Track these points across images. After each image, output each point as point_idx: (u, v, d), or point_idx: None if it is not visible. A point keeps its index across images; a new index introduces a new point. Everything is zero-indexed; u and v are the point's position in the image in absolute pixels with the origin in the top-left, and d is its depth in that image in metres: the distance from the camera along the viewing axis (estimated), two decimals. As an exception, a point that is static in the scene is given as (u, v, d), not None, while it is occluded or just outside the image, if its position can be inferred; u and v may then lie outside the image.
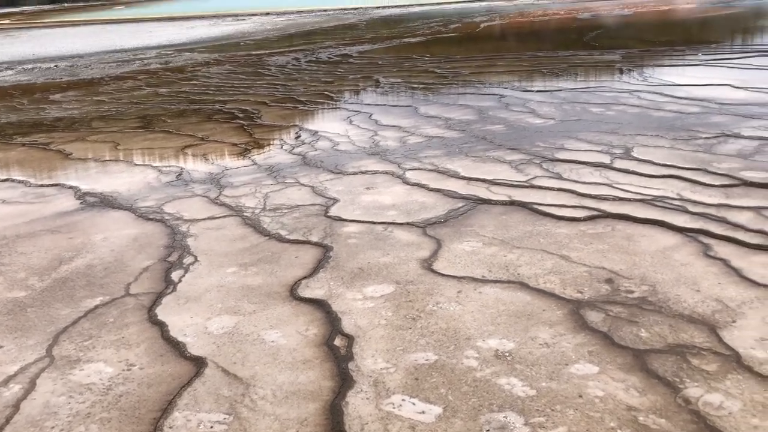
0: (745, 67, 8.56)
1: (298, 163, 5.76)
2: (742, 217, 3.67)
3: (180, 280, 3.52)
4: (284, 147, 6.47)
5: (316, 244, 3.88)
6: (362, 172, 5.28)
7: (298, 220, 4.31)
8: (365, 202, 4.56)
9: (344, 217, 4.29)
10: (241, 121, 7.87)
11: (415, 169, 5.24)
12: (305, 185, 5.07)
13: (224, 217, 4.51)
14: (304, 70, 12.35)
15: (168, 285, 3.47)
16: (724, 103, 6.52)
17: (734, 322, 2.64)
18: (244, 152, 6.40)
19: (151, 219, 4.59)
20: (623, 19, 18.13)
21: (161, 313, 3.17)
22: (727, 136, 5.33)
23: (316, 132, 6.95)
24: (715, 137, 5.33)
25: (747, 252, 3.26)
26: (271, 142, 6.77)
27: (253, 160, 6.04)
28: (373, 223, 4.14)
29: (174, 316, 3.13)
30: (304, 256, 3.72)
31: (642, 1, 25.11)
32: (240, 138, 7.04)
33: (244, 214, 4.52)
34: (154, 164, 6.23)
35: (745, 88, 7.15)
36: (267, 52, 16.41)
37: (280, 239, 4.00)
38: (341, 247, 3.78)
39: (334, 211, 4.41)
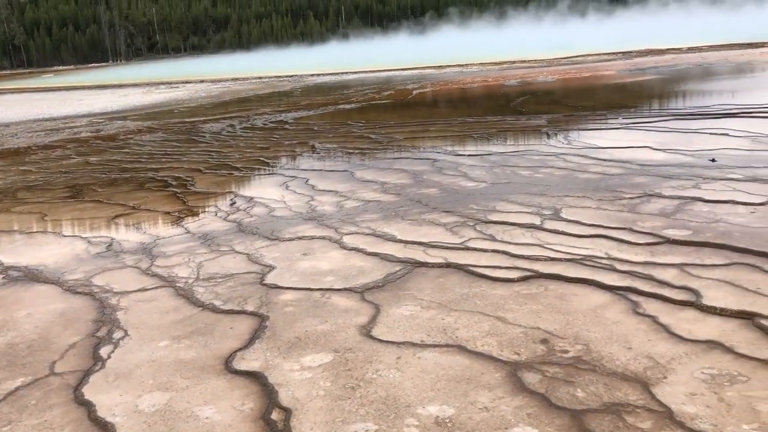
0: (663, 130, 9.06)
1: (233, 231, 5.70)
2: (667, 275, 3.81)
3: (109, 357, 3.37)
4: (219, 214, 6.40)
5: (251, 313, 3.80)
6: (299, 238, 5.26)
7: (233, 289, 4.23)
8: (302, 268, 4.53)
9: (281, 284, 4.24)
10: (175, 189, 7.77)
11: (353, 233, 5.26)
12: (240, 253, 5.00)
13: (156, 288, 4.38)
14: (240, 136, 12.37)
15: (96, 362, 3.32)
16: (644, 165, 6.85)
17: (665, 378, 2.70)
18: (177, 220, 6.29)
19: (79, 292, 4.42)
20: (547, 86, 19.01)
21: (88, 392, 3.02)
22: (650, 195, 5.59)
23: (252, 198, 6.92)
24: (638, 197, 5.57)
25: (673, 308, 3.38)
26: (206, 210, 6.69)
27: (186, 229, 5.94)
28: (311, 289, 4.10)
29: (102, 394, 2.98)
30: (239, 326, 3.64)
31: (564, 68, 26.47)
32: (173, 206, 6.93)
33: (177, 284, 4.41)
34: (84, 235, 6.04)
35: (664, 150, 7.55)
36: (201, 119, 16.38)
37: (215, 310, 3.91)
38: (278, 316, 3.72)
39: (270, 279, 4.35)
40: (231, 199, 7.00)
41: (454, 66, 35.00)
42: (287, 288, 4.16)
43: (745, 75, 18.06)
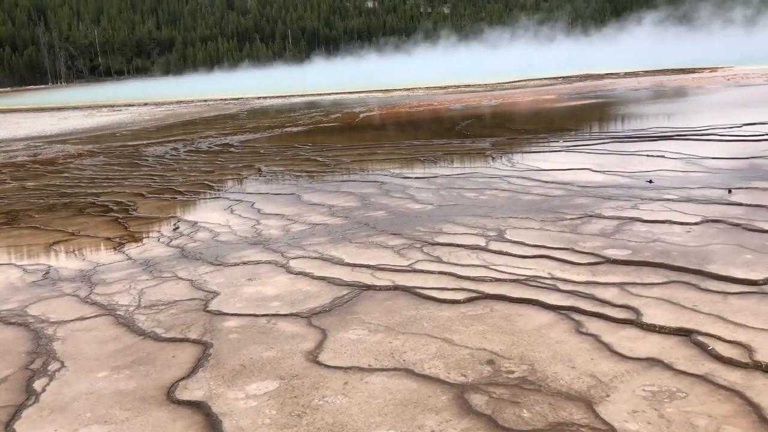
0: (602, 152, 9.33)
1: (176, 256, 5.58)
2: (608, 294, 3.90)
3: (44, 390, 3.23)
4: (161, 239, 6.26)
5: (195, 341, 3.71)
6: (244, 263, 5.19)
7: (175, 316, 4.13)
8: (247, 294, 4.46)
9: (225, 311, 4.16)
10: (116, 214, 7.57)
11: (299, 257, 5.22)
12: (183, 279, 4.90)
13: (95, 317, 4.24)
14: (184, 160, 12.18)
15: (30, 396, 3.18)
16: (585, 186, 7.03)
17: (608, 396, 2.75)
18: (118, 246, 6.13)
19: (12, 323, 4.24)
20: (491, 110, 19.39)
21: (21, 428, 2.88)
22: (590, 216, 5.73)
23: (196, 223, 6.80)
24: (579, 218, 5.70)
25: (615, 327, 3.45)
26: (148, 235, 6.53)
27: (127, 255, 5.78)
28: (256, 315, 4.04)
29: (36, 430, 2.85)
30: (182, 355, 3.54)
31: (507, 92, 27.07)
32: (114, 232, 6.75)
33: (117, 312, 4.27)
34: (19, 263, 5.82)
35: (603, 172, 7.76)
36: (144, 142, 16.08)
37: (157, 338, 3.80)
38: (222, 344, 3.65)
39: (214, 305, 4.27)
40: (174, 224, 6.87)
41: (400, 90, 35.39)
42: (232, 314, 4.09)
43: (679, 99, 18.82)
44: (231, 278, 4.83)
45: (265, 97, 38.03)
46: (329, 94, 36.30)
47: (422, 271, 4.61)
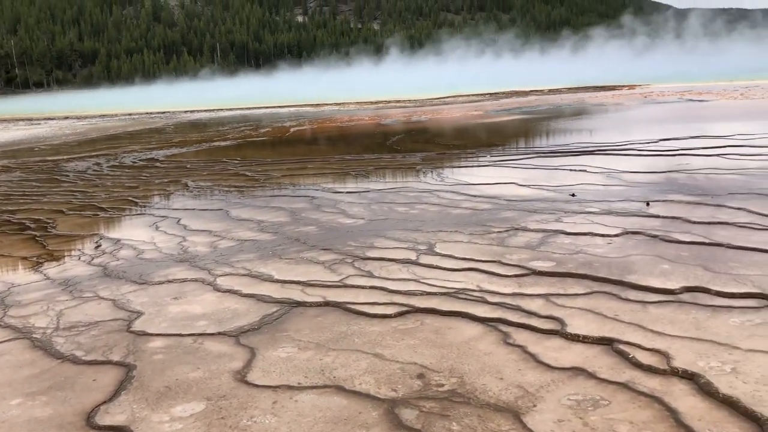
0: (527, 167, 9.58)
1: (98, 275, 5.37)
2: (534, 305, 3.99)
3: (-50, 421, 3.04)
4: (83, 258, 6.02)
5: (117, 363, 3.57)
6: (170, 281, 5.04)
7: (96, 338, 3.96)
8: (173, 313, 4.33)
9: (149, 331, 4.02)
10: (33, 232, 7.24)
11: (227, 274, 5.11)
12: (106, 299, 4.72)
13: (9, 341, 4.03)
14: (107, 175, 11.78)
15: (-66, 428, 2.98)
16: (511, 200, 7.19)
17: (535, 406, 2.80)
18: (35, 266, 5.85)
19: None
20: (421, 125, 19.64)
21: (-77, 463, 2.69)
22: (516, 229, 5.85)
23: (119, 240, 6.57)
24: (506, 231, 5.82)
25: (541, 337, 3.53)
26: (68, 254, 6.27)
27: (45, 275, 5.53)
28: (182, 335, 3.92)
29: (-60, 465, 2.67)
30: (103, 378, 3.40)
31: (437, 108, 27.50)
32: (31, 251, 6.45)
33: (34, 335, 4.07)
34: (-77, 285, 5.46)
35: (529, 186, 7.97)
36: (65, 157, 15.48)
37: (76, 361, 3.64)
38: (146, 365, 3.52)
39: (138, 326, 4.12)
40: (96, 242, 6.62)
41: (331, 104, 35.43)
42: (156, 334, 3.96)
43: (600, 115, 19.56)
44: (156, 297, 4.68)
45: (192, 111, 37.34)
46: (259, 108, 35.96)
47: (353, 286, 4.59)
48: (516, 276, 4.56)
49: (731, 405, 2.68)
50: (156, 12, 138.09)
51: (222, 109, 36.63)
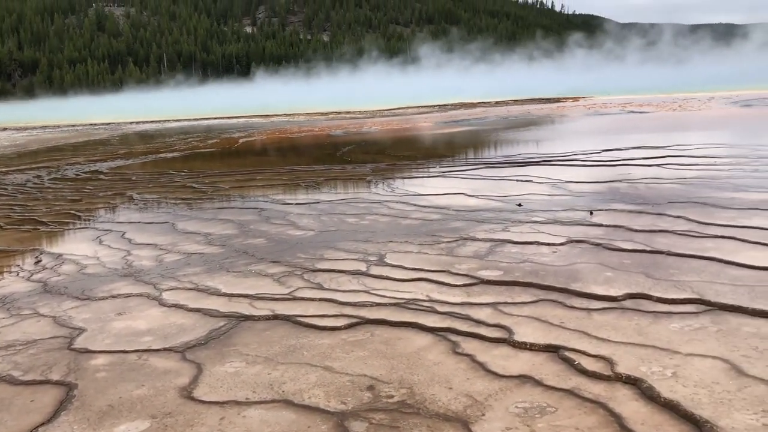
0: (475, 177, 9.70)
1: (38, 291, 5.19)
2: (482, 314, 4.03)
3: None
4: (21, 274, 5.81)
5: (57, 383, 3.45)
6: (113, 297, 4.91)
7: (35, 357, 3.82)
8: (117, 329, 4.22)
9: (92, 348, 3.90)
10: (-32, 248, 6.95)
11: (173, 289, 5.01)
12: (45, 316, 4.56)
13: (-60, 362, 3.84)
14: (48, 188, 11.43)
15: None
16: (460, 210, 7.27)
17: (483, 415, 2.82)
18: (-30, 283, 5.61)
19: None
20: (372, 136, 19.71)
21: None
22: (465, 239, 5.91)
23: (61, 255, 6.37)
24: (455, 241, 5.87)
25: (489, 346, 3.56)
26: (6, 270, 6.04)
27: (-19, 292, 5.30)
28: (126, 352, 3.82)
29: None
30: (42, 398, 3.28)
31: (387, 119, 27.65)
32: (-35, 267, 6.19)
33: (-33, 356, 3.90)
34: None
35: (476, 196, 8.07)
36: (3, 170, 14.96)
37: (13, 382, 3.50)
38: (88, 384, 3.41)
39: (79, 343, 3.99)
40: (36, 257, 6.40)
41: (281, 115, 35.23)
42: (99, 352, 3.84)
43: (545, 127, 19.98)
44: (99, 313, 4.55)
45: (138, 122, 36.60)
46: (207, 119, 35.50)
47: (303, 299, 4.56)
48: (465, 285, 4.60)
49: (672, 408, 2.76)
50: (100, 21, 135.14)
51: (169, 120, 36.01)
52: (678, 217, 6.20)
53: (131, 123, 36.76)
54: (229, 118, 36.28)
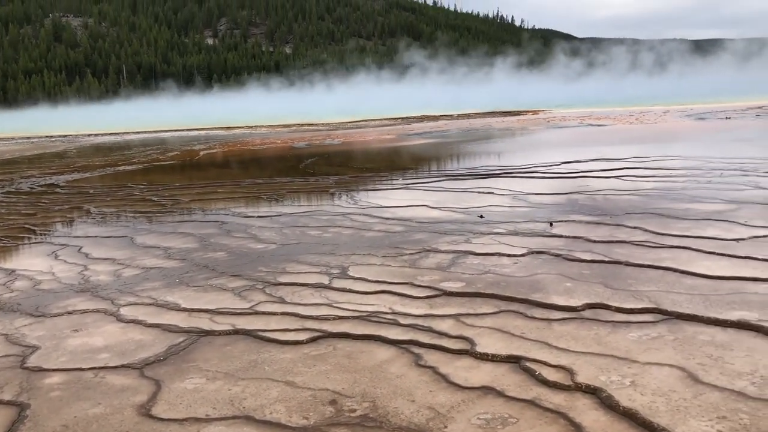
0: (438, 189, 9.77)
1: (-10, 309, 5.03)
2: (445, 325, 4.04)
3: None
4: (-28, 291, 5.62)
5: (8, 403, 3.34)
6: (69, 313, 4.78)
7: (-14, 376, 3.70)
8: (72, 346, 4.11)
9: (46, 366, 3.79)
10: None
11: (131, 304, 4.91)
12: (-3, 334, 4.41)
13: None
14: (1, 202, 11.12)
15: None
16: (423, 222, 7.30)
17: (446, 427, 2.82)
18: None
19: None
20: (335, 148, 19.70)
21: None
22: (428, 251, 5.94)
23: (14, 271, 6.20)
24: (417, 253, 5.89)
25: (451, 358, 3.57)
26: (-45, 287, 5.84)
27: (-71, 310, 5.12)
28: (82, 369, 3.72)
29: None
30: (-8, 419, 3.17)
31: (350, 132, 27.68)
32: None
33: None
34: None
35: (439, 208, 8.12)
36: (-46, 182, 14.51)
37: (-39, 403, 3.37)
38: (41, 403, 3.31)
39: (33, 361, 3.88)
40: (-12, 273, 6.20)
41: (243, 127, 35.00)
42: (54, 370, 3.73)
43: (506, 139, 20.24)
44: (53, 330, 4.43)
45: (97, 134, 35.95)
46: (167, 131, 35.05)
47: (264, 313, 4.51)
48: (427, 297, 4.61)
49: (631, 417, 2.80)
50: (57, 32, 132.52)
51: (128, 132, 35.47)
52: (635, 227, 6.32)
53: (89, 135, 36.08)
54: (189, 130, 35.88)
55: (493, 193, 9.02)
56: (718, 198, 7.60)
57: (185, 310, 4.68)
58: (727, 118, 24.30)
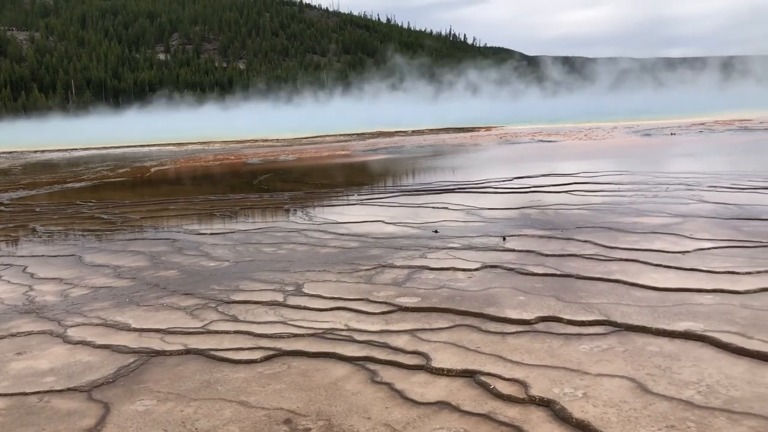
0: (393, 205, 9.80)
1: (-73, 333, 4.81)
2: (400, 341, 4.04)
3: None
4: None
5: (-54, 431, 3.20)
6: (12, 335, 4.61)
7: None
8: (15, 370, 3.96)
9: (-13, 392, 3.64)
10: None
11: (79, 325, 4.77)
12: (-65, 359, 4.23)
13: None
14: (-59, 221, 10.69)
15: None
16: (378, 237, 7.30)
17: (401, 443, 2.81)
18: None
19: None
20: (289, 164, 19.61)
21: None
22: (383, 266, 5.94)
23: (-46, 293, 5.95)
24: (373, 268, 5.89)
25: (407, 373, 3.57)
26: None
27: None
28: (26, 394, 3.59)
29: None
30: (-72, 449, 3.03)
31: (305, 148, 27.61)
32: None
33: None
34: None
35: (395, 223, 8.14)
36: None
37: None
38: (-18, 430, 3.18)
39: (-27, 387, 3.72)
40: (-75, 295, 5.94)
41: (196, 143, 34.57)
42: (-5, 395, 3.59)
43: (460, 155, 20.47)
44: (-5, 354, 4.26)
45: (44, 151, 35.02)
46: (118, 147, 34.39)
47: (217, 332, 4.43)
48: (383, 313, 4.60)
49: (583, 428, 2.84)
50: (1, 46, 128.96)
51: (77, 149, 34.65)
52: (585, 241, 6.45)
53: (36, 152, 35.12)
54: (141, 146, 35.25)
55: (447, 208, 9.10)
56: (664, 212, 7.82)
57: (135, 330, 4.57)
58: (672, 134, 25.12)
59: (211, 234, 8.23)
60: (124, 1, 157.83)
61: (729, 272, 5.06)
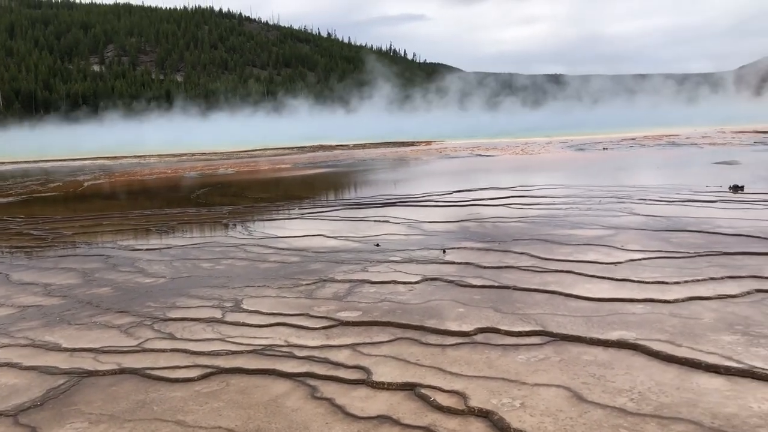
0: (334, 219, 9.78)
1: None
2: (341, 356, 4.02)
3: None
4: None
5: None
6: (-68, 359, 4.38)
7: None
8: (-65, 395, 3.75)
9: None
10: None
11: (5, 346, 4.56)
12: None
13: None
14: None
15: None
16: (319, 252, 7.27)
17: (342, 458, 2.79)
18: None
19: None
20: (228, 178, 19.34)
21: None
22: (324, 281, 5.91)
23: None
24: (314, 283, 5.85)
25: (348, 388, 3.55)
26: None
27: None
28: (-54, 421, 3.41)
29: None
30: None
31: (243, 161, 27.28)
32: None
33: None
34: None
35: (335, 237, 8.12)
36: None
37: None
38: None
39: None
40: None
41: (131, 157, 33.72)
42: None
43: (401, 169, 20.63)
44: None
45: (-32, 164, 33.48)
46: (48, 161, 33.23)
47: (153, 350, 4.32)
48: (324, 328, 4.58)
49: (521, 437, 2.88)
50: None
51: (4, 163, 33.29)
52: (522, 253, 6.58)
53: (-41, 165, 33.54)
54: (74, 160, 34.14)
55: (388, 221, 9.14)
56: (597, 224, 8.06)
57: (66, 350, 4.41)
58: (604, 149, 25.97)
59: (147, 250, 8.02)
60: (56, 11, 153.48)
61: (659, 282, 5.25)
